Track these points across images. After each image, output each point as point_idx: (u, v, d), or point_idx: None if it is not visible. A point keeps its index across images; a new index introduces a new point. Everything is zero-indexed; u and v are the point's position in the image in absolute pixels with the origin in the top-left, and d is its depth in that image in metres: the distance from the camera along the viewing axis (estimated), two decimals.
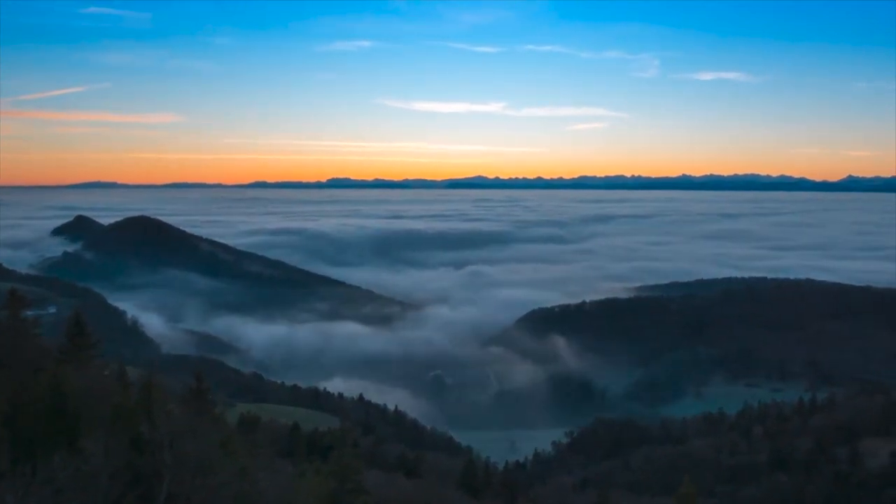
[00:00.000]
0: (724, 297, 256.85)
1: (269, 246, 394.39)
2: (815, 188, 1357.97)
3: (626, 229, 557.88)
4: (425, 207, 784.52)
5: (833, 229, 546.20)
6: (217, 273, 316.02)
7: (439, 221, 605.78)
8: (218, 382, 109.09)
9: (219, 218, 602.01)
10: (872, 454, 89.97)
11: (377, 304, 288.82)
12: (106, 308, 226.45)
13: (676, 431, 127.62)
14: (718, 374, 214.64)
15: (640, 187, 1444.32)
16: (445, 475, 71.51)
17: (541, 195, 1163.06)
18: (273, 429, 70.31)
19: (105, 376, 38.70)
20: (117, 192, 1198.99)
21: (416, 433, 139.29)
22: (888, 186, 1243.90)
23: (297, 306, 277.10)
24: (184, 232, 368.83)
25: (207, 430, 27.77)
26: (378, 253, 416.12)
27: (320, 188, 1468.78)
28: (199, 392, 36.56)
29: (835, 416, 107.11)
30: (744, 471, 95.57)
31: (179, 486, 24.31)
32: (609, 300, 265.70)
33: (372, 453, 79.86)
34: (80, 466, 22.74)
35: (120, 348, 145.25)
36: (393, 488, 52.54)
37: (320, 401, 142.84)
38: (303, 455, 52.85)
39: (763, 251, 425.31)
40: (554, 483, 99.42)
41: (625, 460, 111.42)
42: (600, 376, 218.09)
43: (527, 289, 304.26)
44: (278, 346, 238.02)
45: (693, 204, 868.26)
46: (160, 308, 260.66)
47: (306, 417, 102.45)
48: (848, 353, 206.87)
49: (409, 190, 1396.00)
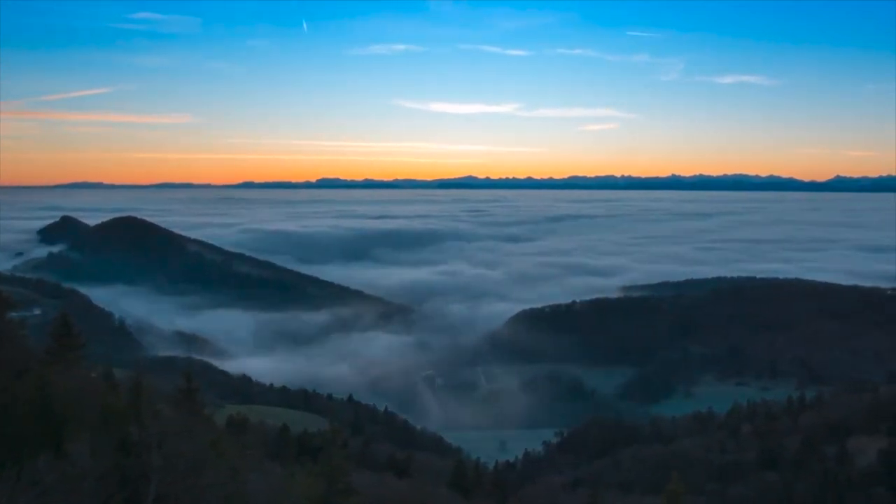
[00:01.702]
0: (714, 296, 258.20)
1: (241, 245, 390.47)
2: (804, 188, 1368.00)
3: (569, 229, 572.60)
4: (382, 208, 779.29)
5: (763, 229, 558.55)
6: (205, 273, 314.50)
7: (388, 221, 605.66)
8: (206, 384, 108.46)
9: (208, 219, 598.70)
10: (861, 452, 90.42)
11: (368, 304, 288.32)
12: (92, 309, 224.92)
13: (666, 431, 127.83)
14: (708, 374, 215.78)
15: (630, 187, 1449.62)
16: (436, 475, 71.37)
17: (526, 195, 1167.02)
18: (262, 430, 69.95)
19: (92, 378, 38.27)
20: (103, 193, 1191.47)
21: (406, 433, 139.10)
22: (876, 186, 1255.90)
23: (285, 307, 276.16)
24: (171, 232, 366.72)
25: (197, 432, 27.44)
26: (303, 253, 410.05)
27: (309, 188, 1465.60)
28: (188, 393, 36.16)
29: (823, 415, 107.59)
30: (733, 469, 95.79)
31: (168, 488, 23.98)
32: (599, 300, 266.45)
33: (362, 454, 79.64)
34: (67, 469, 22.41)
35: (107, 350, 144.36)
36: (383, 489, 52.29)
37: (309, 402, 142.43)
38: (292, 456, 52.53)
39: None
40: (544, 483, 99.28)
41: (615, 460, 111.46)
42: (590, 376, 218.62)
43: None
44: (267, 347, 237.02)
45: (672, 204, 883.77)
46: (147, 309, 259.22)
47: (295, 419, 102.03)
48: (836, 352, 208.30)
49: (398, 190, 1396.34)
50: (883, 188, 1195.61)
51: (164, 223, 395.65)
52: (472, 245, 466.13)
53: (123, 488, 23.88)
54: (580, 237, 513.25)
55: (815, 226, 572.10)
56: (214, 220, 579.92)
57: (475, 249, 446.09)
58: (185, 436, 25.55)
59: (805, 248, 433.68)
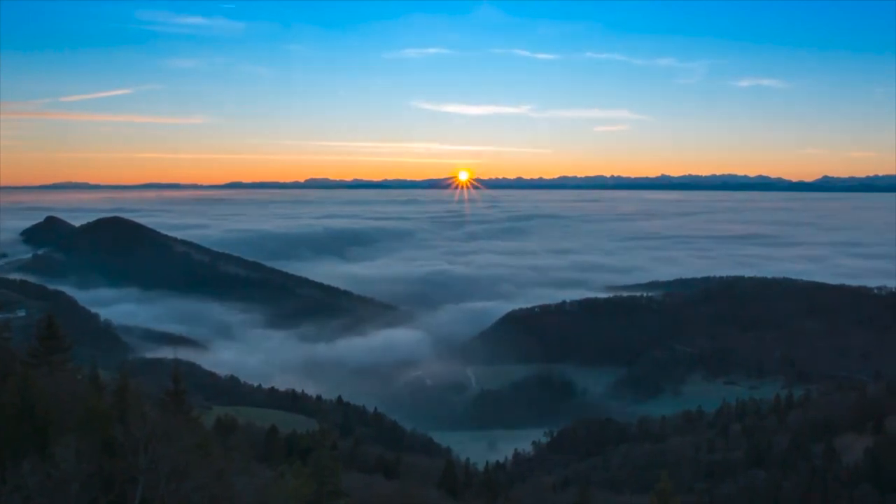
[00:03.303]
0: (703, 296, 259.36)
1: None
2: (792, 188, 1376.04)
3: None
4: (338, 208, 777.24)
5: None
6: (192, 274, 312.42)
7: (335, 220, 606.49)
8: (194, 385, 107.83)
9: (197, 220, 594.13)
10: (847, 450, 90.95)
11: (355, 304, 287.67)
12: (78, 310, 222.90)
13: (655, 430, 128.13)
14: (697, 373, 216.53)
15: (620, 187, 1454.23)
16: (425, 476, 71.25)
17: (511, 195, 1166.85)
18: (250, 432, 69.59)
19: (77, 380, 37.87)
20: (87, 192, 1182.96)
21: (396, 434, 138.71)
22: (863, 186, 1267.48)
23: (273, 307, 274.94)
24: (157, 232, 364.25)
25: (183, 434, 27.14)
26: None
27: (297, 188, 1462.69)
28: (175, 395, 35.84)
29: (811, 414, 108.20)
30: (721, 468, 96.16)
31: (153, 491, 23.72)
32: (588, 300, 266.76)
33: (351, 455, 79.35)
34: (51, 472, 22.14)
35: (92, 351, 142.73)
36: (372, 490, 52.10)
37: (298, 403, 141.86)
38: (281, 458, 52.18)
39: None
40: (534, 482, 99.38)
41: (605, 459, 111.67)
42: (579, 376, 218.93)
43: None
44: (255, 347, 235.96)
45: (658, 205, 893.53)
46: (133, 310, 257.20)
47: (284, 420, 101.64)
48: (823, 351, 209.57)
49: (385, 190, 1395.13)
50: (870, 189, 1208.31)
51: (151, 224, 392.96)
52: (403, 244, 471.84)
53: (108, 491, 23.59)
54: (534, 238, 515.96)
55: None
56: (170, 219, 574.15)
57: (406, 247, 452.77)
58: (172, 438, 25.24)
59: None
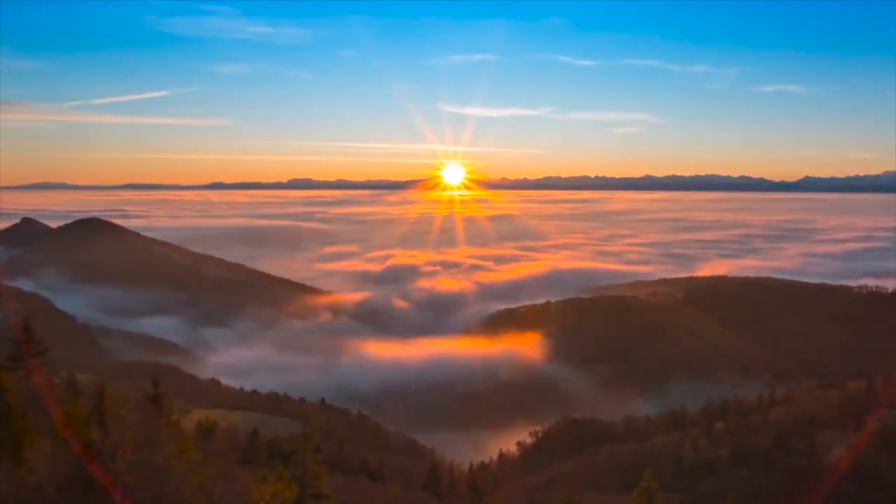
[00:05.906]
0: (687, 295, 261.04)
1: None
2: (774, 188, 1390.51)
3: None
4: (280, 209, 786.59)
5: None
6: (172, 275, 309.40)
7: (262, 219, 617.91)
8: (174, 388, 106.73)
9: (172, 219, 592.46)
10: (829, 447, 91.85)
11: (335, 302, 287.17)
12: (54, 313, 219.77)
13: (640, 429, 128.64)
14: (681, 372, 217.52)
15: (604, 188, 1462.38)
16: (410, 478, 70.88)
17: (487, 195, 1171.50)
18: (232, 435, 68.88)
19: (54, 384, 37.24)
20: (68, 190, 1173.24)
21: (379, 436, 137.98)
22: (843, 186, 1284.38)
23: (255, 308, 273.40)
24: (136, 234, 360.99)
25: (162, 438, 26.64)
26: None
27: (281, 188, 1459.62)
28: (155, 398, 35.23)
29: (794, 411, 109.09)
30: (705, 466, 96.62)
31: (131, 497, 23.25)
32: (573, 300, 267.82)
33: (334, 458, 78.75)
34: (26, 477, 21.74)
35: (70, 355, 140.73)
36: (356, 493, 51.68)
37: (280, 405, 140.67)
38: (263, 461, 51.63)
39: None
40: (519, 483, 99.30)
41: (589, 459, 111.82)
42: (564, 375, 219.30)
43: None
44: (237, 348, 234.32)
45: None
46: (112, 313, 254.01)
47: (266, 423, 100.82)
48: (806, 350, 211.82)
49: (370, 190, 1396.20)
50: (851, 189, 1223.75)
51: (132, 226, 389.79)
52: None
53: (86, 497, 23.16)
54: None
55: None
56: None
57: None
58: (150, 443, 24.78)
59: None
